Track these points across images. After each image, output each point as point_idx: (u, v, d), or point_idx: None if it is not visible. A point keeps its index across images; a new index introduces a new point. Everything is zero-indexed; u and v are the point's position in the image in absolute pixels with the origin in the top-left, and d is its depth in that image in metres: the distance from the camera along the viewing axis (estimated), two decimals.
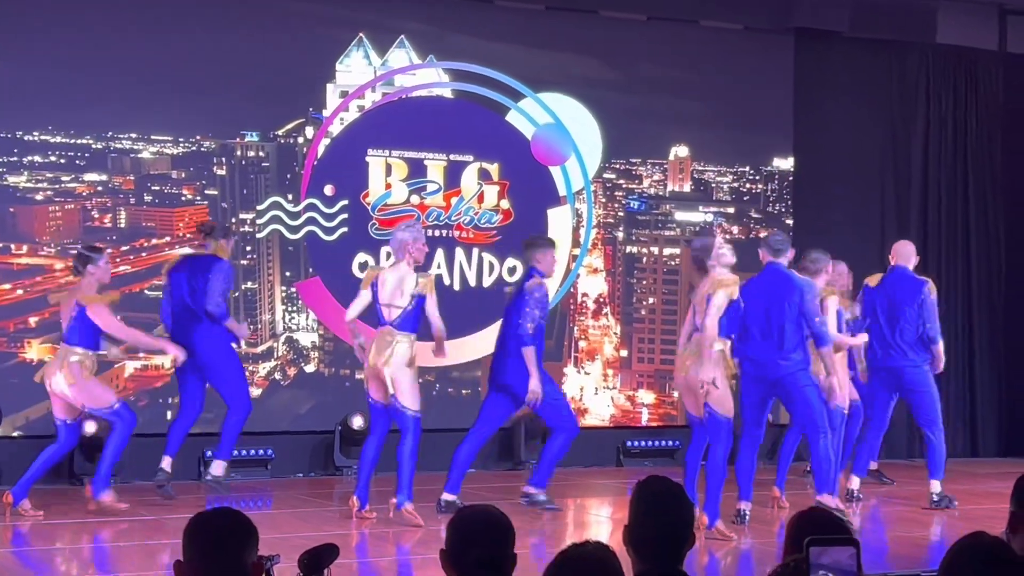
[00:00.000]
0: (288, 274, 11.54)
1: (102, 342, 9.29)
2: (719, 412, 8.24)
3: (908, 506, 9.95)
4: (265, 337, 11.54)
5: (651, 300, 12.86)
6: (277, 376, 11.52)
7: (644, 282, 12.71)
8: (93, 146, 10.93)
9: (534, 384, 8.96)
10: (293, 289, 11.54)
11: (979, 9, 13.90)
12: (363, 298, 8.99)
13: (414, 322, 8.81)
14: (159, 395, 11.09)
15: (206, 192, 11.34)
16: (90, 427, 10.23)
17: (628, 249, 12.70)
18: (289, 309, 11.62)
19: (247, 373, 11.15)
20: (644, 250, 12.73)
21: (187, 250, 10.52)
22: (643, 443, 12.24)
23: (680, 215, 12.95)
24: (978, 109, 13.70)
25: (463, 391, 11.96)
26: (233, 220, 11.32)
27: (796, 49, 12.87)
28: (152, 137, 11.10)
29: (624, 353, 12.56)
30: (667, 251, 12.86)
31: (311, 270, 11.54)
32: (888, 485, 10.89)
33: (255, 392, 11.25)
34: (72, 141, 10.91)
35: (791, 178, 13.03)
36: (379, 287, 8.89)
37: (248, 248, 11.41)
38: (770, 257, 8.83)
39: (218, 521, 3.22)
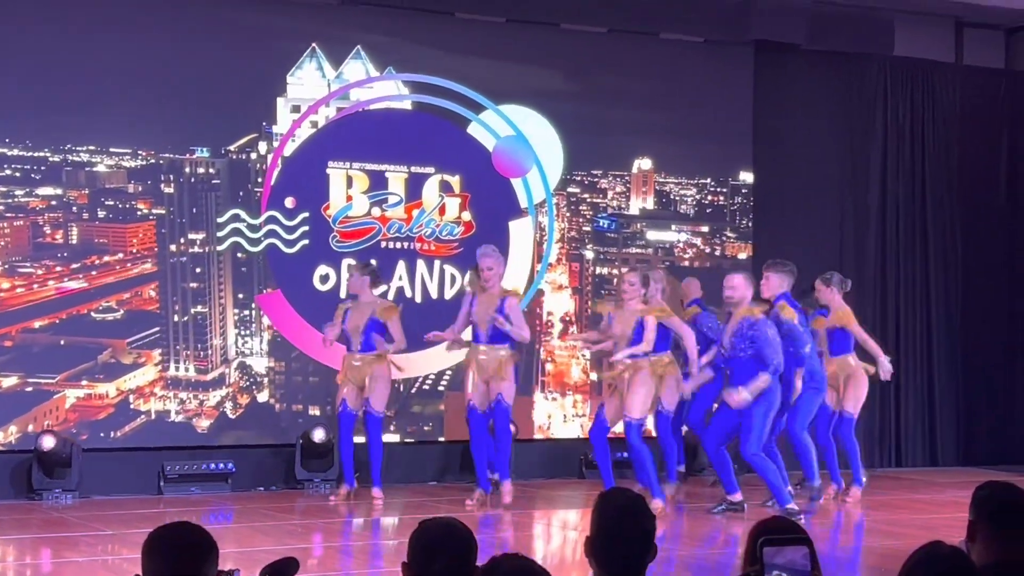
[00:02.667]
0: (241, 296, 11.37)
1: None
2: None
3: (871, 515, 9.99)
4: (216, 363, 11.35)
5: None
6: (227, 407, 11.30)
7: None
8: (50, 159, 10.82)
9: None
10: (246, 312, 11.37)
11: (936, 22, 14.02)
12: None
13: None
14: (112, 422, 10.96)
15: (154, 211, 11.15)
16: (48, 442, 10.16)
17: (598, 270, 12.63)
18: (242, 333, 11.43)
19: (196, 402, 11.12)
20: (615, 271, 12.43)
21: None
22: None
23: (652, 234, 12.93)
24: (935, 121, 13.81)
25: (429, 403, 11.91)
26: (182, 240, 11.19)
27: (755, 61, 12.94)
28: (111, 150, 11.01)
29: (595, 377, 12.28)
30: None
31: (264, 288, 11.36)
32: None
33: (203, 423, 11.17)
34: (28, 154, 10.79)
35: (750, 190, 13.07)
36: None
37: (198, 270, 11.23)
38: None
39: (177, 535, 3.19)
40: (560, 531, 9.78)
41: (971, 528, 3.89)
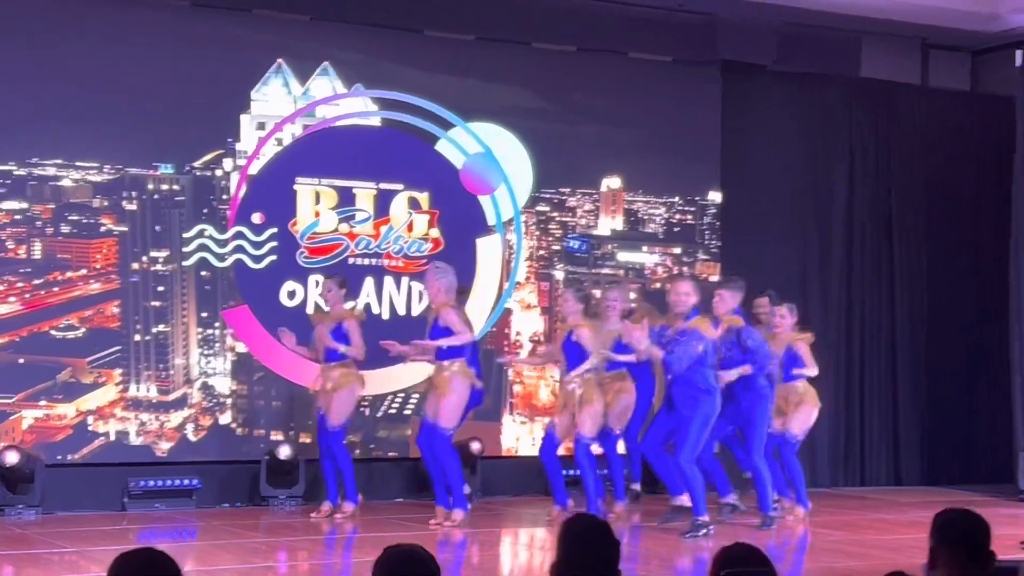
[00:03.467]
0: (205, 314, 11.26)
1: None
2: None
3: (834, 535, 10.02)
4: (178, 383, 11.22)
5: None
6: (189, 429, 11.16)
7: None
8: (15, 172, 10.70)
9: None
10: (210, 331, 11.28)
11: (902, 43, 14.13)
12: None
13: None
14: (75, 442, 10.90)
15: (116, 228, 11.01)
16: (11, 457, 10.10)
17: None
18: (205, 352, 11.31)
19: (157, 424, 11.04)
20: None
21: None
22: (573, 472, 12.18)
23: (623, 255, 12.93)
24: (900, 142, 13.91)
25: (395, 428, 11.89)
26: (144, 258, 11.06)
27: (723, 81, 13.00)
28: (77, 163, 10.90)
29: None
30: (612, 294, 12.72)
31: (230, 302, 11.29)
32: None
33: (164, 446, 11.08)
34: None
35: (717, 209, 13.12)
36: None
37: (160, 288, 11.13)
38: None
39: (140, 561, 3.18)
40: (526, 550, 9.77)
41: (932, 555, 3.92)
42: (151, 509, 10.57)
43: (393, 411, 11.88)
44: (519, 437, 12.32)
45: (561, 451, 10.34)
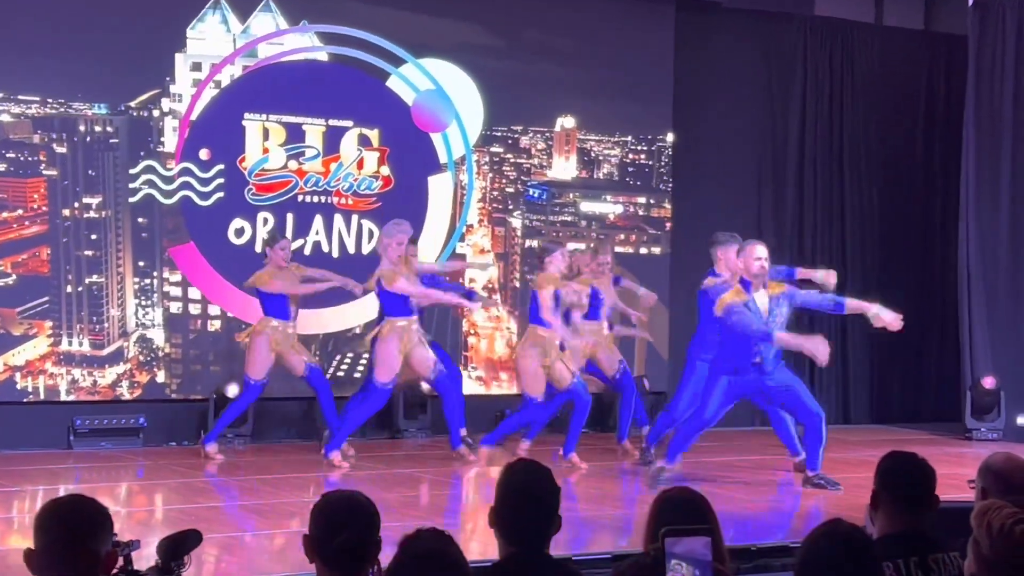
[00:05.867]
0: (142, 264, 10.99)
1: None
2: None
3: (787, 476, 10.08)
4: (113, 336, 10.95)
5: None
6: (124, 386, 10.90)
7: None
8: None
9: None
10: (147, 281, 11.03)
11: None
12: None
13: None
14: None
15: (43, 172, 10.63)
16: None
17: (528, 242, 12.44)
18: (143, 303, 11.03)
19: (90, 380, 10.82)
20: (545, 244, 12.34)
21: None
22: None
23: (586, 206, 12.81)
24: (854, 82, 13.89)
25: (344, 358, 11.83)
26: (76, 204, 10.78)
27: (677, 20, 12.91)
28: (19, 97, 10.62)
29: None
30: (572, 247, 12.58)
31: (163, 249, 11.05)
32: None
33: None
34: None
35: (670, 149, 13.07)
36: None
37: (93, 236, 10.82)
38: None
39: (68, 509, 3.13)
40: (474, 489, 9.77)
41: (874, 497, 3.94)
42: (97, 448, 10.48)
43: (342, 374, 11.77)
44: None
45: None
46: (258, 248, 11.16)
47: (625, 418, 10.80)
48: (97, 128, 10.87)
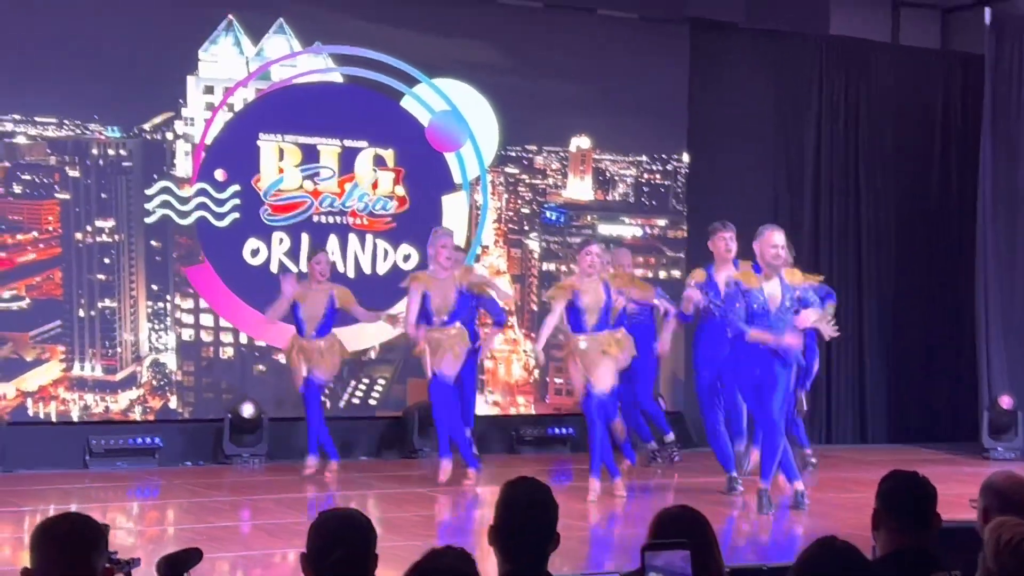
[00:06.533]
0: (155, 287, 11.00)
1: None
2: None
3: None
4: (127, 361, 10.94)
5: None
6: (136, 412, 10.87)
7: None
8: None
9: None
10: (160, 305, 11.03)
11: (872, 1, 14.07)
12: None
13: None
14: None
15: (56, 195, 10.67)
16: None
17: (544, 266, 12.42)
18: (156, 327, 11.02)
19: (102, 407, 10.76)
20: (564, 268, 12.22)
21: None
22: (537, 431, 12.19)
23: (604, 228, 12.76)
24: (870, 100, 13.85)
25: (364, 378, 11.84)
26: (89, 228, 10.78)
27: (691, 39, 12.91)
28: (36, 119, 10.64)
29: (538, 375, 12.16)
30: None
31: (176, 275, 11.09)
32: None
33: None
34: None
35: (685, 169, 13.07)
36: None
37: (106, 260, 10.82)
38: None
39: (63, 526, 3.14)
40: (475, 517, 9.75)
41: (875, 517, 3.93)
42: (113, 468, 10.51)
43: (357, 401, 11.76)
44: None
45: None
46: (274, 268, 11.21)
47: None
48: (110, 151, 10.87)
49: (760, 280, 8.75)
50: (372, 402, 11.67)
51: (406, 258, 11.79)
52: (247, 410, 10.87)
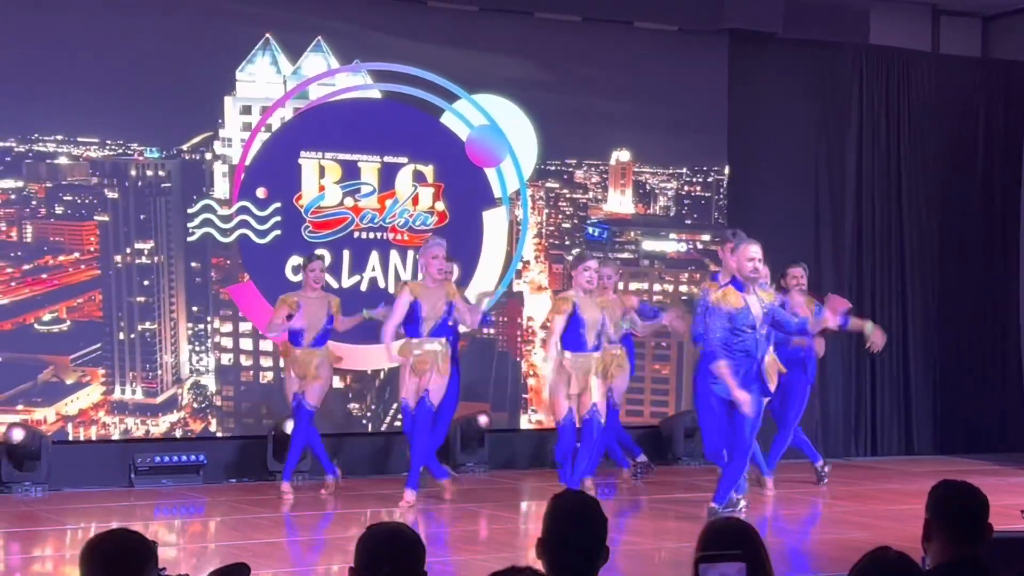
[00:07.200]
0: (195, 308, 11.00)
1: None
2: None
3: (843, 505, 9.97)
4: (167, 384, 10.91)
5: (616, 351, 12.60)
6: (176, 435, 10.85)
7: None
8: (15, 149, 10.51)
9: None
10: (200, 326, 11.03)
11: (912, 10, 13.99)
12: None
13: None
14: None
15: (95, 217, 10.67)
16: (17, 434, 10.09)
17: None
18: (196, 348, 11.01)
19: (142, 430, 10.76)
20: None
21: None
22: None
23: (648, 244, 12.74)
24: (911, 110, 13.77)
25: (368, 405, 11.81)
26: (128, 250, 10.80)
27: (730, 51, 12.88)
28: (78, 139, 10.69)
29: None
30: (634, 286, 12.45)
31: (215, 292, 11.09)
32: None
33: None
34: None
35: (725, 181, 13.02)
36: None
37: (146, 282, 10.85)
38: None
39: (112, 544, 3.14)
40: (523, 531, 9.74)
41: (927, 527, 3.88)
42: (158, 485, 10.55)
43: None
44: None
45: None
46: None
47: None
48: (149, 172, 10.88)
49: (741, 298, 8.47)
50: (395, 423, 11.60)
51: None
52: (290, 427, 10.86)
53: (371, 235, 11.65)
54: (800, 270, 10.38)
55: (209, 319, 11.11)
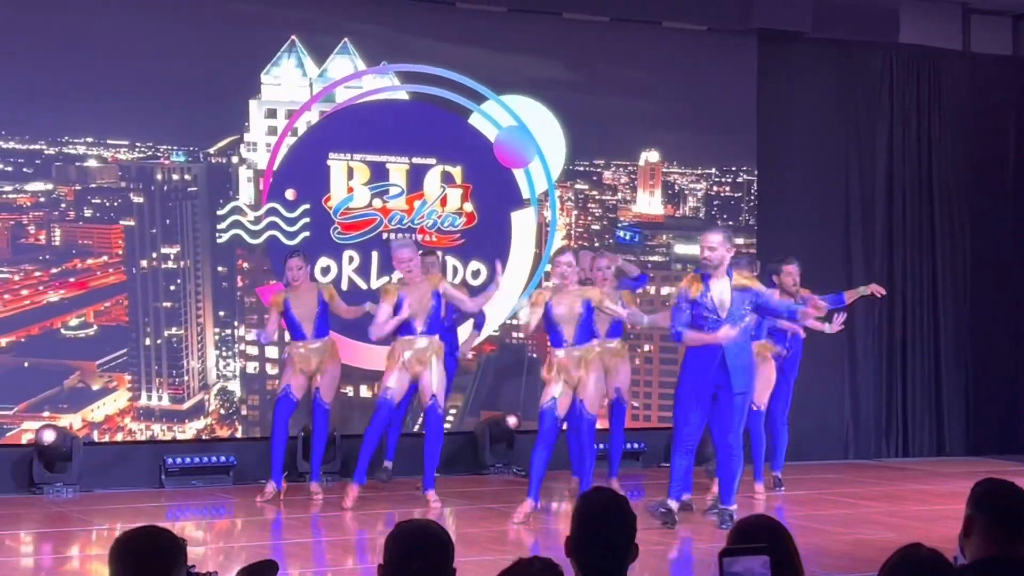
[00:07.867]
0: (222, 313, 10.97)
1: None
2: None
3: (874, 506, 9.92)
4: (194, 390, 10.88)
5: (647, 347, 12.54)
6: (203, 438, 10.81)
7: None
8: (45, 151, 10.54)
9: None
10: (227, 332, 11.01)
11: (943, 8, 13.92)
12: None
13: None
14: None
15: (122, 222, 10.67)
16: (49, 436, 10.14)
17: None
18: (223, 354, 10.98)
19: (169, 436, 10.73)
20: (640, 290, 11.88)
21: None
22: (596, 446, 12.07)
23: (680, 248, 12.68)
24: (942, 109, 13.70)
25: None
26: (154, 255, 10.80)
27: (759, 50, 12.83)
28: (108, 142, 10.75)
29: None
30: (665, 291, 12.37)
31: (239, 300, 11.09)
32: None
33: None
34: (23, 147, 10.45)
35: (755, 181, 12.97)
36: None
37: (172, 287, 10.81)
38: None
39: (141, 540, 3.13)
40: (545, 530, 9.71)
41: (967, 523, 3.84)
42: (188, 486, 10.59)
43: None
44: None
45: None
46: (344, 285, 11.26)
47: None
48: (175, 176, 10.86)
49: (702, 285, 8.54)
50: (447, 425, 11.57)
51: (475, 274, 11.80)
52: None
53: (400, 236, 11.64)
54: (794, 267, 10.36)
55: (236, 324, 11.10)
